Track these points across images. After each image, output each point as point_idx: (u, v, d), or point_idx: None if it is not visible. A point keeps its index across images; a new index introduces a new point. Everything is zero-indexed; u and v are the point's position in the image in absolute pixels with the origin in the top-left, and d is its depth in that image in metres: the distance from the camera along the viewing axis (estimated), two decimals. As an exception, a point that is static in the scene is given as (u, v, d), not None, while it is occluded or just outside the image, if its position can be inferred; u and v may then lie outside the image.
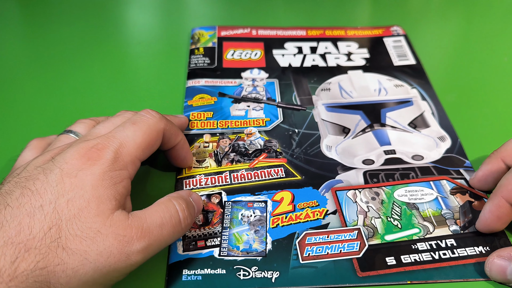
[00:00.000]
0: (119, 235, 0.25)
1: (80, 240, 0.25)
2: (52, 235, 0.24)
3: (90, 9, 0.59)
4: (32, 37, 0.55)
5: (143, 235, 0.26)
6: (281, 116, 0.43)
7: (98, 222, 0.25)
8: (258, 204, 0.35)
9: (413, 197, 0.36)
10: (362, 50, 0.52)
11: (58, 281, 0.24)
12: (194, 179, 0.37)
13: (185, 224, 0.29)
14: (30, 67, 0.49)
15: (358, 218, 0.34)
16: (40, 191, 0.25)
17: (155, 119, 0.31)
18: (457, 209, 0.35)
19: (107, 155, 0.28)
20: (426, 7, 0.61)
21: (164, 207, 0.28)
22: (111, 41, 0.54)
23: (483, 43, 0.54)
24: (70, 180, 0.26)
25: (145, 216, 0.27)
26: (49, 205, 0.25)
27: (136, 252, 0.26)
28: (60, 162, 0.27)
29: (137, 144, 0.29)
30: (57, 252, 0.24)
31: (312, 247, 0.32)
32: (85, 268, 0.24)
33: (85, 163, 0.27)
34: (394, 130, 0.41)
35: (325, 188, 0.36)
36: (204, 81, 0.47)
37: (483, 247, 0.32)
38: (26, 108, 0.44)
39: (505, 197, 0.31)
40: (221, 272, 0.31)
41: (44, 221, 0.24)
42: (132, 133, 0.30)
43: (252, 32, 0.54)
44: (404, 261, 0.31)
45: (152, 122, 0.31)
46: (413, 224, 0.34)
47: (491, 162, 0.35)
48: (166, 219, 0.28)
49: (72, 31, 0.55)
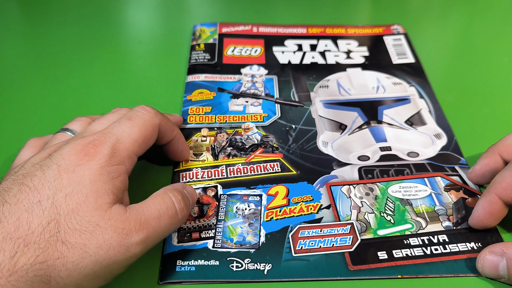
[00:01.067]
0: (118, 228, 0.26)
1: (79, 233, 0.25)
2: (51, 229, 0.25)
3: (91, 6, 0.59)
4: (32, 36, 0.55)
5: (141, 227, 0.27)
6: (279, 112, 0.43)
7: (97, 216, 0.26)
8: (253, 198, 0.35)
9: (407, 193, 0.36)
10: (361, 48, 0.52)
11: (59, 274, 0.24)
12: (191, 172, 0.37)
13: (181, 215, 0.29)
14: (30, 67, 0.50)
15: (351, 213, 0.34)
16: (38, 187, 0.26)
17: (150, 114, 0.32)
18: (451, 205, 0.35)
19: (104, 150, 0.28)
20: (427, 6, 0.61)
21: (161, 200, 0.29)
22: (113, 38, 0.54)
23: (483, 43, 0.54)
24: (67, 175, 0.26)
25: (143, 209, 0.28)
26: (47, 200, 0.25)
27: (135, 244, 0.26)
28: (57, 158, 0.27)
29: (134, 139, 0.30)
30: (56, 246, 0.24)
31: (305, 241, 0.32)
32: (85, 261, 0.25)
33: (83, 158, 0.27)
34: (391, 127, 0.42)
35: (320, 183, 0.37)
36: (203, 77, 0.47)
37: (475, 243, 0.32)
38: (26, 107, 0.44)
39: (498, 194, 0.32)
40: (215, 263, 0.31)
41: (42, 216, 0.25)
42: (128, 129, 0.30)
43: (253, 29, 0.54)
44: (395, 256, 0.32)
45: (148, 117, 0.32)
46: (406, 219, 0.34)
47: (488, 157, 0.35)
48: (163, 211, 0.28)
49: (72, 29, 0.55)
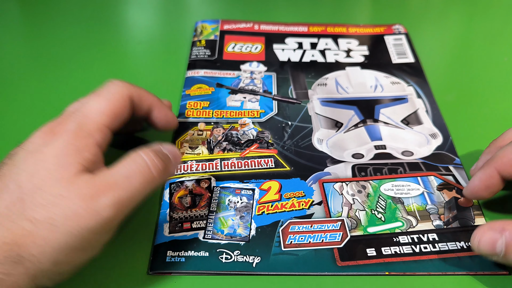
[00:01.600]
0: (83, 194, 0.25)
1: (45, 208, 0.25)
2: (17, 209, 0.25)
3: (92, 4, 0.59)
4: (32, 36, 0.55)
5: (108, 188, 0.26)
6: (276, 108, 0.44)
7: (61, 187, 0.26)
8: (246, 192, 0.36)
9: (399, 192, 0.36)
10: (361, 47, 0.52)
11: (30, 252, 0.24)
12: (186, 164, 0.38)
13: (157, 171, 0.28)
14: (30, 66, 0.50)
15: (342, 210, 0.34)
16: (6, 173, 0.27)
17: (118, 86, 0.32)
18: (442, 204, 0.35)
19: (69, 126, 0.28)
20: (428, 6, 0.61)
21: (130, 160, 0.28)
22: (115, 33, 0.55)
23: (483, 43, 0.54)
24: (33, 156, 0.27)
25: (110, 171, 0.27)
26: (13, 183, 0.26)
27: (104, 206, 0.25)
28: (25, 144, 0.28)
29: (101, 111, 0.30)
30: (22, 224, 0.24)
31: (295, 236, 0.33)
32: (55, 234, 0.25)
33: (48, 138, 0.28)
34: (387, 126, 0.42)
35: (313, 180, 0.37)
36: (203, 72, 0.47)
37: (465, 242, 0.32)
38: (25, 107, 0.44)
39: (497, 168, 0.31)
40: (204, 254, 0.31)
41: (8, 199, 0.25)
42: (96, 103, 0.30)
43: (254, 26, 0.55)
44: (384, 253, 0.32)
45: (115, 89, 0.32)
46: (397, 217, 0.34)
47: (485, 173, 0.32)
48: (132, 169, 0.27)
49: (72, 26, 0.56)
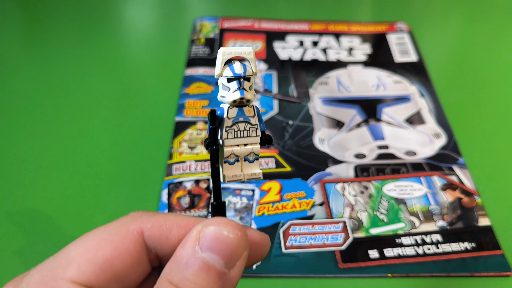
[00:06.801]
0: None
1: None
2: None
3: (91, 2, 0.59)
4: (32, 36, 0.55)
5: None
6: (277, 107, 0.43)
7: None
8: (246, 192, 0.35)
9: (402, 192, 0.35)
10: (364, 46, 0.51)
11: None
12: (185, 164, 0.37)
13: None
14: (30, 66, 0.49)
15: (344, 211, 0.34)
16: None
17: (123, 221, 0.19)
18: (446, 204, 0.34)
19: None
20: (432, 4, 0.60)
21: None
22: (113, 32, 0.54)
23: (488, 41, 0.53)
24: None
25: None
26: None
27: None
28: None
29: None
30: None
31: (296, 237, 0.32)
32: None
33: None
34: (389, 125, 0.41)
35: (314, 180, 0.36)
36: (202, 70, 0.47)
37: (469, 243, 0.32)
38: (25, 107, 0.44)
39: None
40: (203, 256, 0.31)
41: None
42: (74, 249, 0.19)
43: (254, 24, 0.54)
44: (386, 255, 0.31)
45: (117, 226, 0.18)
46: (399, 218, 0.33)
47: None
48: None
49: (73, 24, 0.56)
